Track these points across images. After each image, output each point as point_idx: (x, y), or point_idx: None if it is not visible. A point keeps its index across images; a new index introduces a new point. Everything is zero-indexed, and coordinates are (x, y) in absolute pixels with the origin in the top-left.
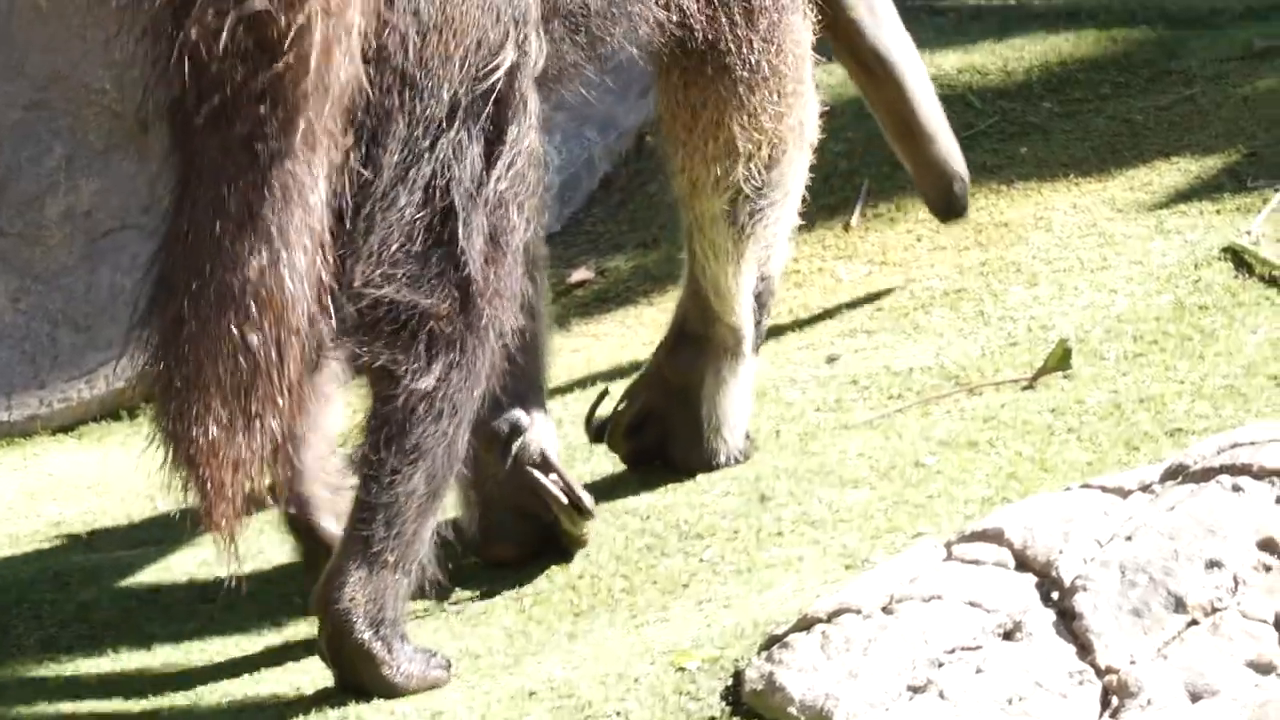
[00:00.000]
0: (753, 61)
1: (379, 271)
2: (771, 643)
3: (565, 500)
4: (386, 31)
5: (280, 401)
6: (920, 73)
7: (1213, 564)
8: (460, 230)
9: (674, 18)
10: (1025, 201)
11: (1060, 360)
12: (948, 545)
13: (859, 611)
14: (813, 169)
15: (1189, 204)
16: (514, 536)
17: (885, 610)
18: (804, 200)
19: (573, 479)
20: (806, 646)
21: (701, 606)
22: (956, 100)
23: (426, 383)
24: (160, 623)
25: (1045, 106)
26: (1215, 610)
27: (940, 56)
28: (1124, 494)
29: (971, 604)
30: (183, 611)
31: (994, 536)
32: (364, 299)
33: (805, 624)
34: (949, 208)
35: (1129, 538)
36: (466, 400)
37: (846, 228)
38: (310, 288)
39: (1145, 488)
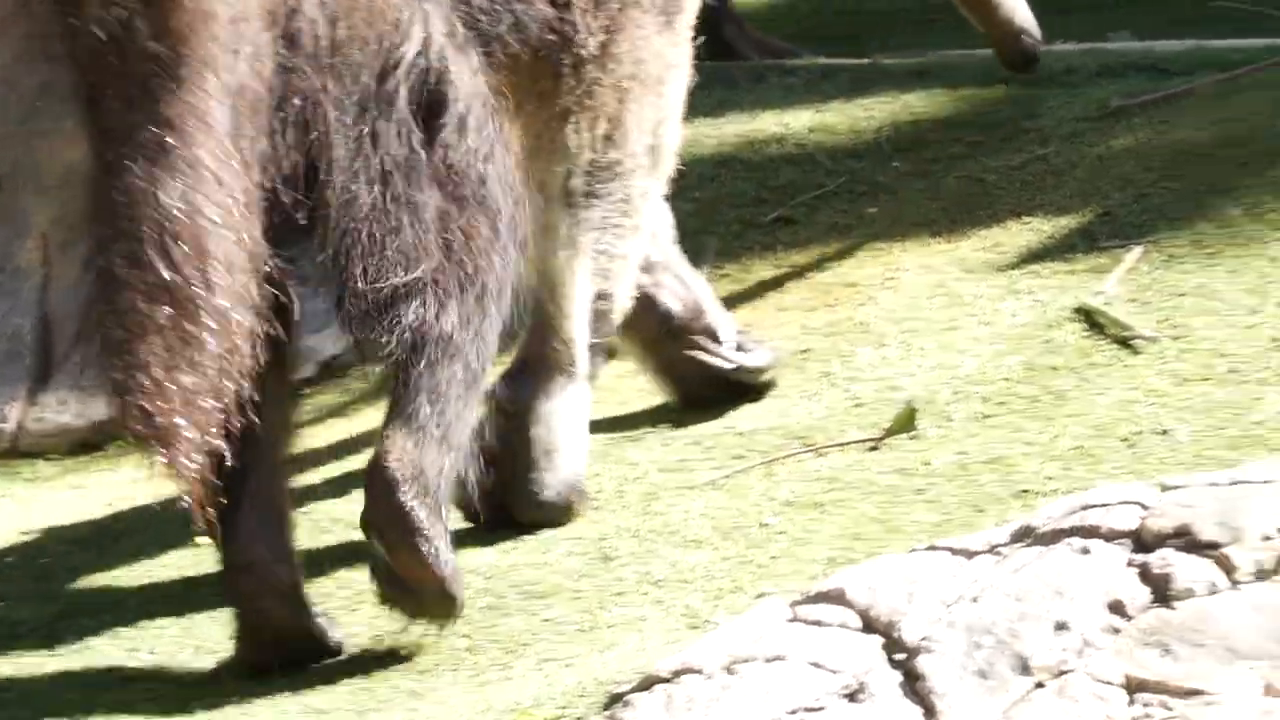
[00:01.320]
0: (589, 39)
1: (375, 260)
2: (613, 702)
3: (730, 368)
4: (295, 20)
5: (216, 328)
6: None
7: (1061, 626)
8: (424, 199)
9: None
10: (874, 262)
11: (906, 421)
12: (791, 606)
13: (701, 671)
14: None
15: (1041, 264)
16: (714, 401)
17: (728, 670)
18: None
19: (736, 341)
20: (649, 706)
21: (544, 666)
22: (805, 160)
23: (437, 329)
24: None
25: (895, 166)
26: (1063, 673)
27: (790, 115)
28: (970, 555)
29: (815, 665)
30: None
31: (838, 597)
32: (373, 291)
33: (647, 684)
34: (1021, 59)
35: (975, 599)
36: (491, 318)
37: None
38: (232, 214)
39: (992, 549)
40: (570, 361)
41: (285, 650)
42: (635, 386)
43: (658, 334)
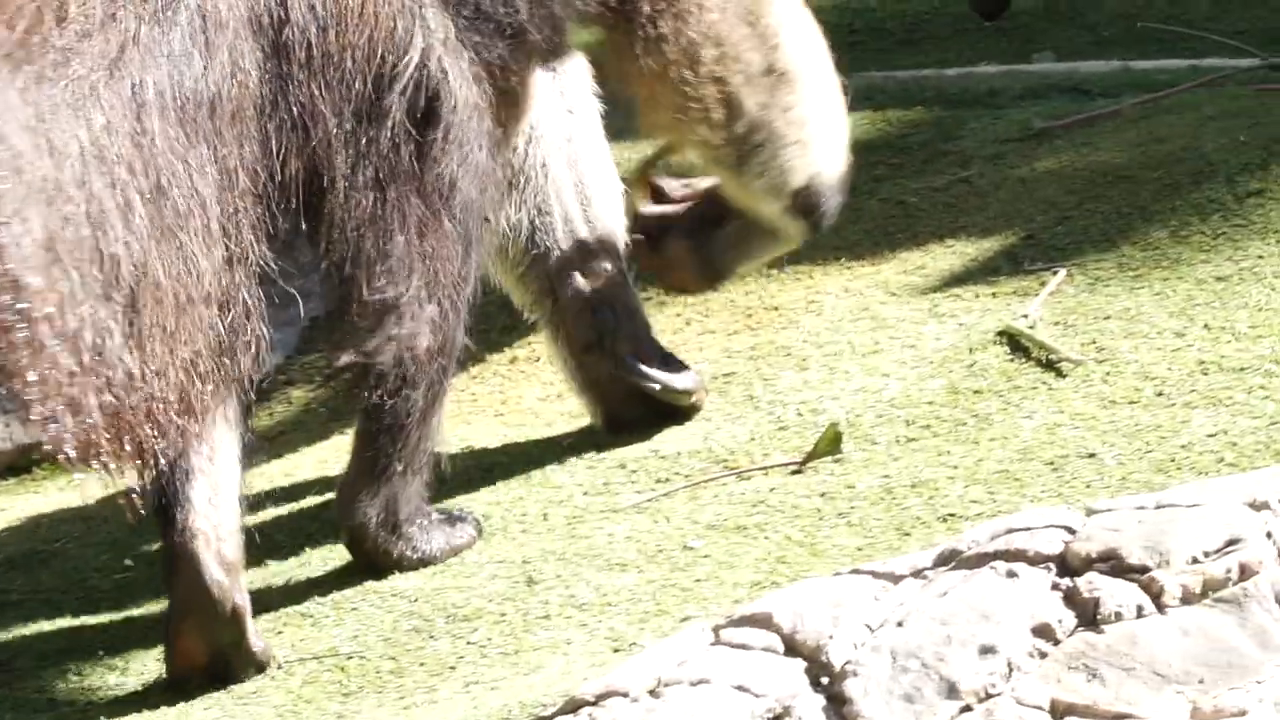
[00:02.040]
0: (661, 36)
1: (379, 269)
2: None
3: (658, 389)
4: (285, 31)
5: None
6: None
7: (986, 650)
8: (412, 206)
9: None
10: (796, 285)
11: (830, 444)
12: (716, 629)
13: (626, 695)
14: None
15: (964, 287)
16: (637, 423)
17: (652, 694)
18: None
19: (664, 365)
20: None
21: (469, 689)
22: None
23: (402, 331)
24: None
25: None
26: (989, 696)
27: None
28: (895, 579)
29: (739, 688)
30: None
31: (763, 621)
32: (376, 298)
33: (572, 706)
34: (989, 6)
35: (900, 623)
36: (453, 320)
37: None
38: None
39: (917, 573)
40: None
41: (214, 641)
42: (559, 410)
43: (588, 345)
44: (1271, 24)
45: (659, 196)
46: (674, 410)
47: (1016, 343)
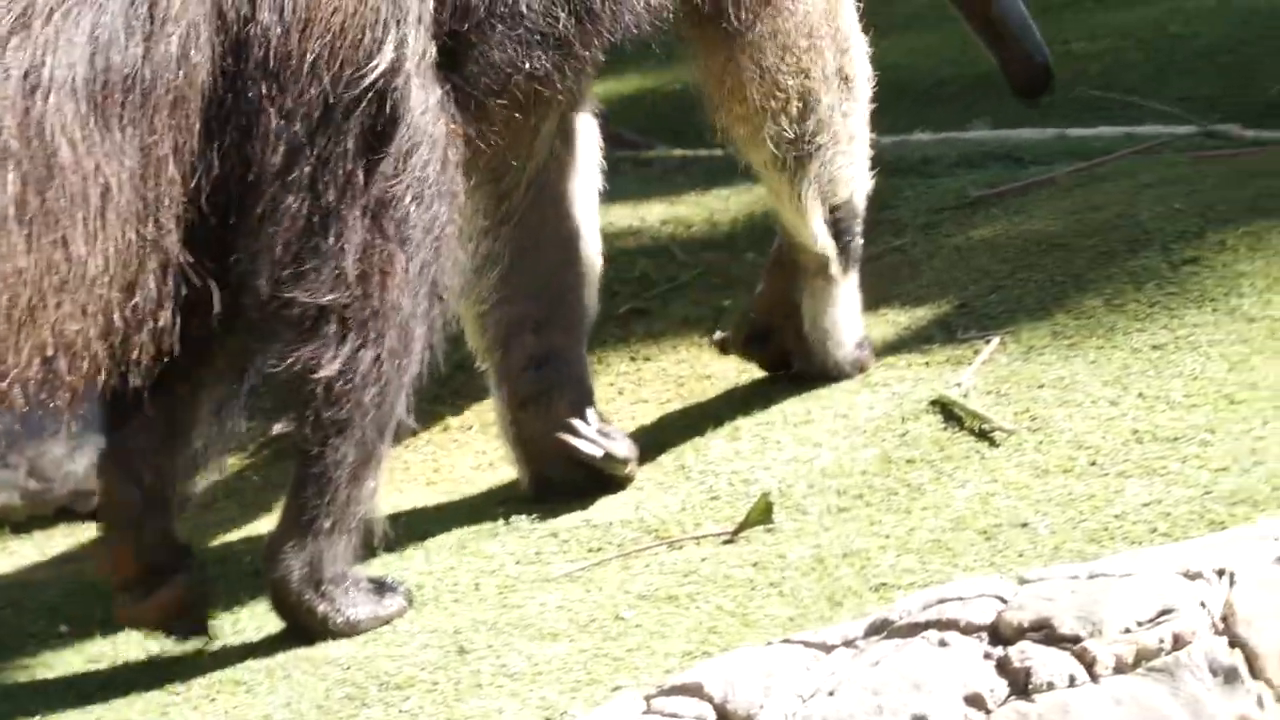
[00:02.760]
0: (754, 26)
1: (285, 273)
2: None
3: (598, 455)
4: (248, 28)
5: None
6: None
7: (918, 719)
8: (350, 225)
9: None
10: (728, 355)
11: (762, 514)
12: (647, 699)
13: None
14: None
15: (897, 356)
16: (566, 487)
17: None
18: None
19: (599, 433)
20: None
21: None
22: (660, 252)
23: (334, 368)
24: None
25: (749, 258)
26: None
27: (644, 208)
28: (827, 649)
29: None
30: None
31: (694, 690)
32: (275, 302)
33: None
34: (1033, 87)
35: (832, 693)
36: (389, 374)
37: None
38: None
39: (849, 643)
40: (826, 267)
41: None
42: (491, 479)
43: (525, 401)
44: (1209, 91)
45: (750, 338)
46: (605, 479)
47: (949, 412)
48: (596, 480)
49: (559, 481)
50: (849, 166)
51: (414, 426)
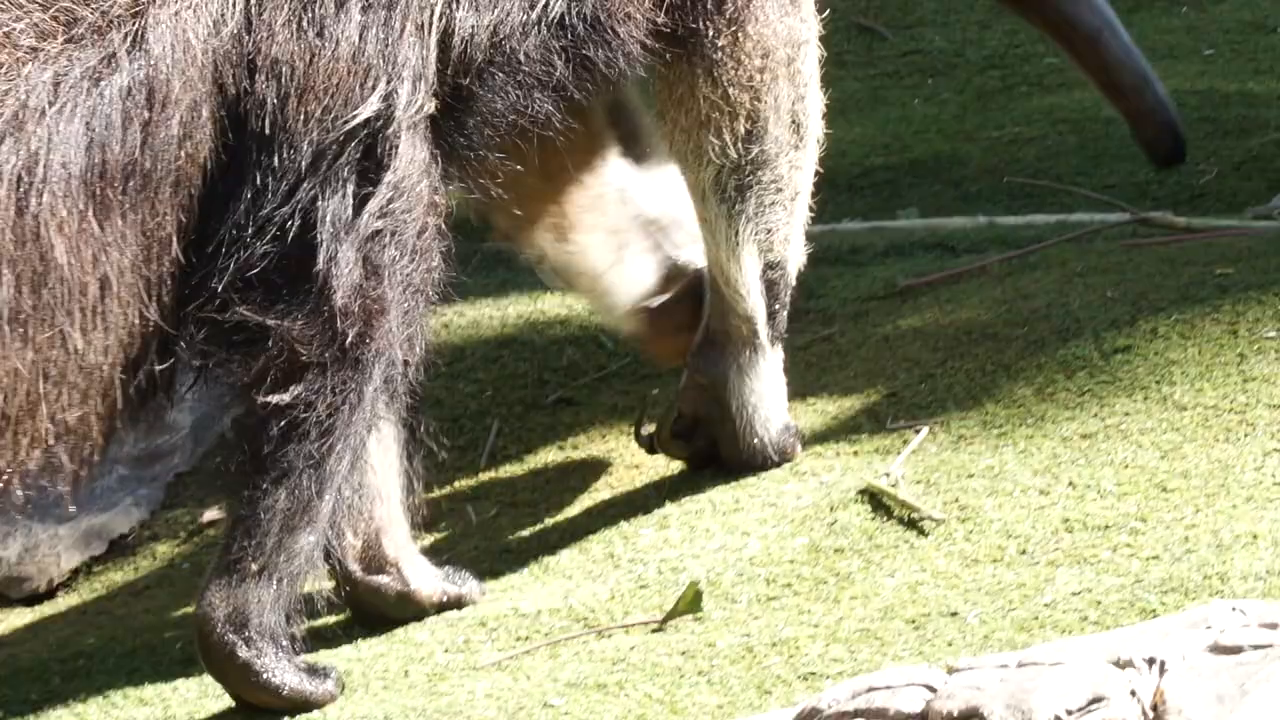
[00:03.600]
0: (715, 38)
1: (234, 290)
2: None
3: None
4: (247, 100)
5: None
6: (1118, 30)
7: None
8: (324, 266)
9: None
10: None
11: (691, 603)
12: None
13: None
14: (442, 410)
15: (826, 445)
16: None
17: None
18: (436, 446)
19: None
20: None
21: None
22: (588, 341)
23: (280, 399)
24: None
25: (653, 393)
26: None
27: (573, 297)
28: None
29: None
30: None
31: None
32: (219, 316)
33: None
34: (1169, 154)
35: None
36: (341, 424)
37: (476, 468)
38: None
39: None
40: (753, 334)
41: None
42: None
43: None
44: (1141, 178)
45: (651, 445)
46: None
47: (878, 501)
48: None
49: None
50: (788, 223)
51: (358, 505)
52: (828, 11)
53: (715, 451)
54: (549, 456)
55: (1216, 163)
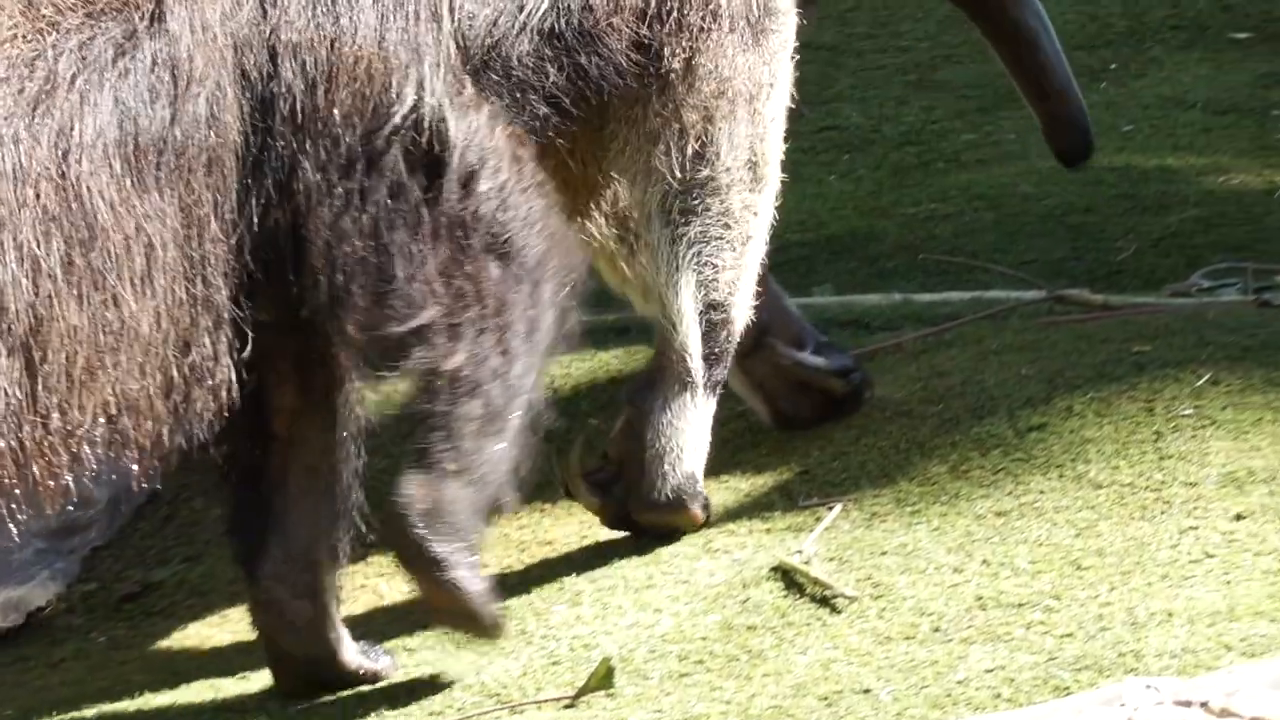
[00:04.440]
0: (673, 60)
1: (368, 313)
2: None
3: (824, 374)
4: (272, 85)
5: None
6: (1052, 35)
7: None
8: (421, 254)
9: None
10: (569, 519)
11: (603, 679)
12: None
13: None
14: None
15: (738, 523)
16: (803, 412)
17: None
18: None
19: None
20: None
21: None
22: None
23: (457, 360)
24: None
25: (593, 424)
26: None
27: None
28: None
29: None
30: None
31: None
32: (369, 339)
33: None
34: (1081, 155)
35: None
36: (515, 346)
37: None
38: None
39: None
40: (686, 371)
41: (307, 678)
42: None
43: (747, 350)
44: (1057, 255)
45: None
46: (831, 400)
47: (791, 578)
48: (824, 405)
49: (793, 415)
50: (735, 266)
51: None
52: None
53: (627, 513)
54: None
55: (1135, 239)
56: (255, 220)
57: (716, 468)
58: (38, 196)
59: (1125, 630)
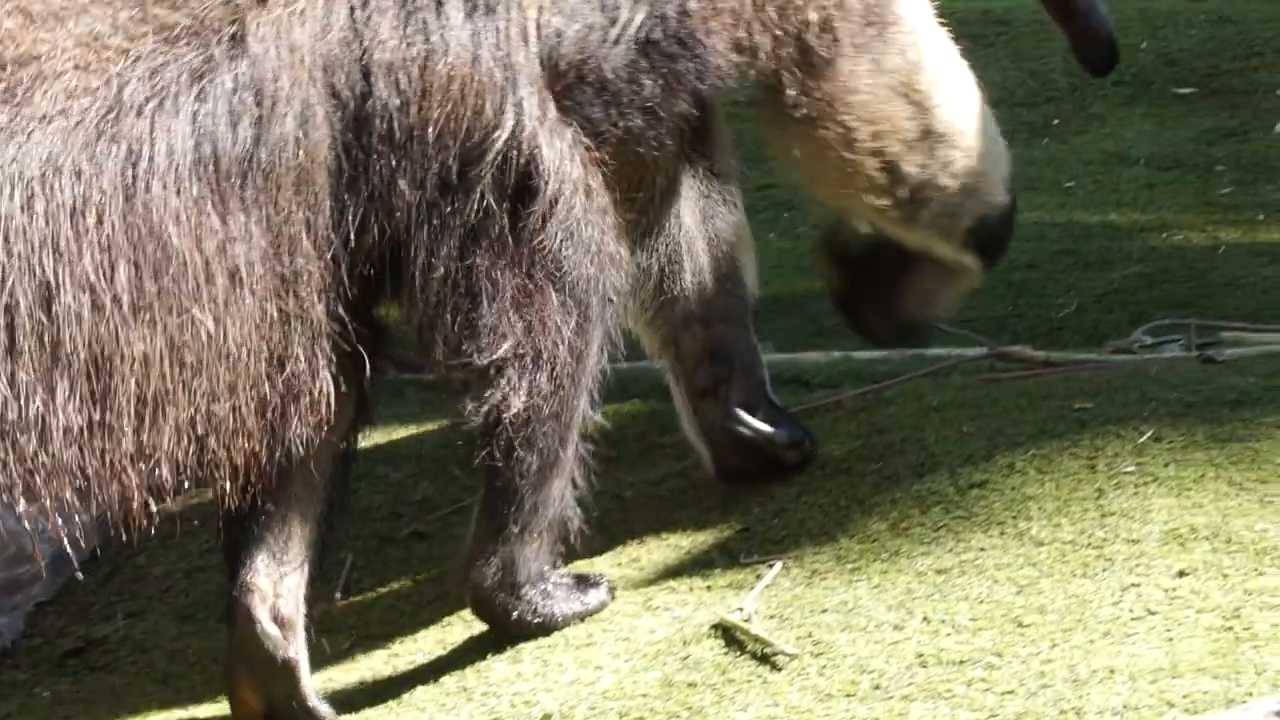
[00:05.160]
0: (812, 119)
1: (457, 338)
2: None
3: (769, 440)
4: (367, 103)
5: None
6: None
7: None
8: (508, 284)
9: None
10: None
11: None
12: None
13: None
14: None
15: (679, 580)
16: (748, 469)
17: None
18: None
19: (765, 420)
20: None
21: None
22: (441, 474)
23: (519, 404)
24: None
25: None
26: None
27: (427, 430)
28: None
29: None
30: None
31: None
32: (454, 366)
33: None
34: (1108, 65)
35: None
36: (565, 386)
37: (331, 600)
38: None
39: None
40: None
41: (264, 697)
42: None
43: (703, 391)
44: (999, 312)
45: (841, 261)
46: (778, 464)
47: (731, 636)
48: (769, 467)
49: (738, 470)
50: (966, 200)
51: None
52: None
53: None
54: (403, 589)
55: (1077, 295)
56: (352, 237)
57: (656, 525)
58: (100, 224)
59: (1067, 687)
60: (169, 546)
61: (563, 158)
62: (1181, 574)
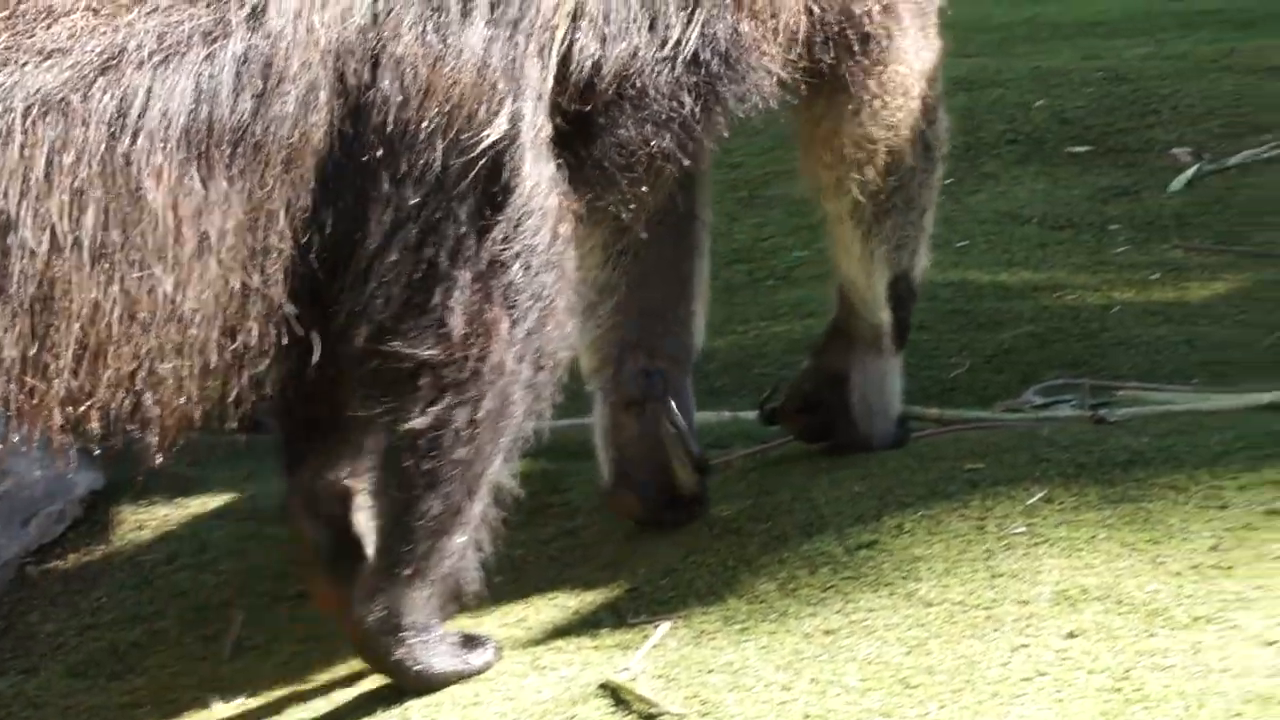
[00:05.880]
0: (861, 80)
1: (385, 325)
2: None
3: (681, 449)
4: (369, 94)
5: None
6: None
7: None
8: (458, 286)
9: (796, 66)
10: None
11: None
12: None
13: None
14: (186, 601)
15: (566, 639)
16: (639, 489)
17: None
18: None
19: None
20: None
21: None
22: None
23: (423, 421)
24: None
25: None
26: None
27: None
28: None
29: None
30: None
31: None
32: (369, 355)
33: None
34: None
35: None
36: (483, 435)
37: (221, 659)
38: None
39: None
40: (877, 338)
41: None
42: None
43: (630, 402)
44: None
45: (800, 411)
46: (674, 489)
47: (618, 696)
48: (665, 499)
49: (637, 481)
50: (915, 238)
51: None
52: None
53: (829, 431)
54: (293, 648)
55: (969, 356)
56: (328, 224)
57: (544, 584)
58: (77, 165)
59: None
60: (60, 604)
61: (541, 184)
62: (1072, 635)
